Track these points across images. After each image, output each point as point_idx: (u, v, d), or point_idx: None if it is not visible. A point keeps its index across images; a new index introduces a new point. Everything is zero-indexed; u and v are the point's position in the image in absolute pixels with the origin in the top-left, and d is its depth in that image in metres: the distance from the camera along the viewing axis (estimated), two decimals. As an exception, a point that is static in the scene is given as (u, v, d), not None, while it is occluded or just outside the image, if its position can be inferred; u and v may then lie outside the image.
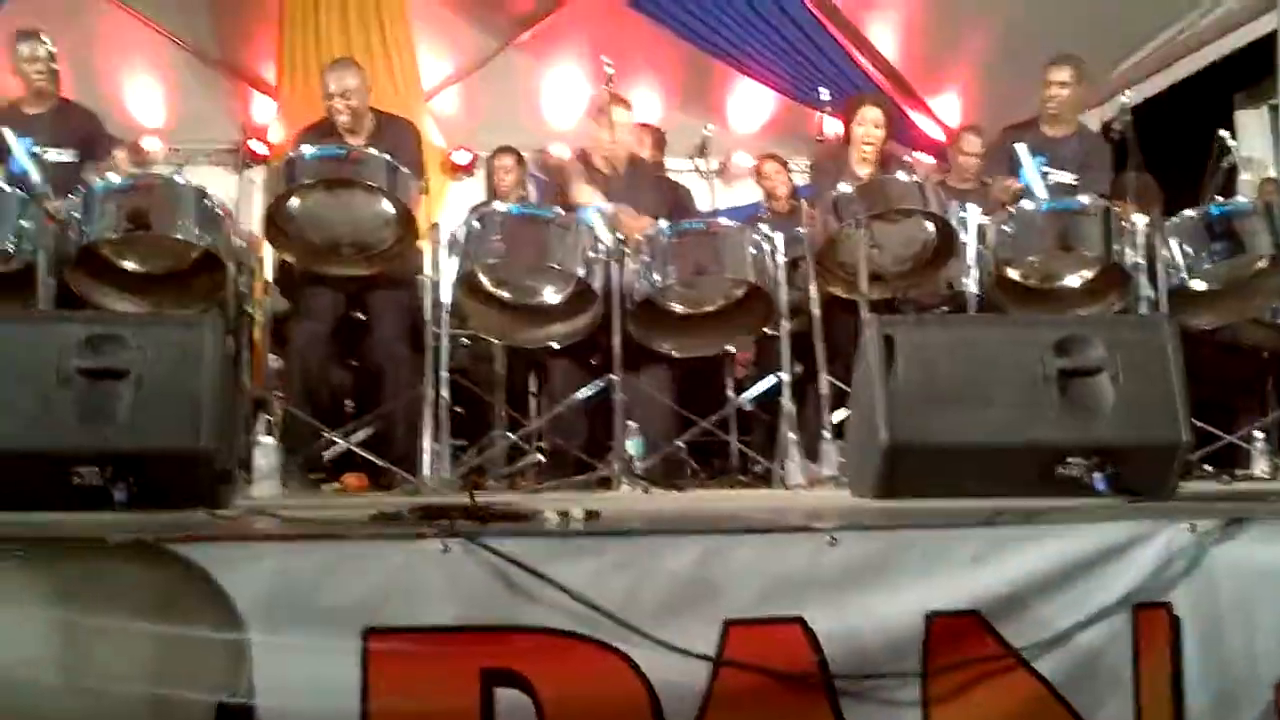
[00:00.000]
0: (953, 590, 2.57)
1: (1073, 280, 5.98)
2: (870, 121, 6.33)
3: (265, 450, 4.97)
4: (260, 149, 9.30)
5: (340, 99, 5.85)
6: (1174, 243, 5.80)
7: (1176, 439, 3.47)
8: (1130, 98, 6.45)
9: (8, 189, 5.34)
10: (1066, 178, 6.34)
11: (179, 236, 5.34)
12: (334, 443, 5.58)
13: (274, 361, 6.32)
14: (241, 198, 5.66)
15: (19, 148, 5.68)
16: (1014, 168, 6.19)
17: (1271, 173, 8.02)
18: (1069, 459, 3.45)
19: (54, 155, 5.93)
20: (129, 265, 5.44)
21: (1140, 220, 5.83)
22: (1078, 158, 6.44)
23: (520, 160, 7.57)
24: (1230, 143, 6.43)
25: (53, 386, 3.17)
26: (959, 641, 2.53)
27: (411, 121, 6.16)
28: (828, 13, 9.45)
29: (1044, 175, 6.07)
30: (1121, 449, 3.44)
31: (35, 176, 5.47)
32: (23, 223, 5.25)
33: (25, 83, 6.05)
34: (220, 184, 7.02)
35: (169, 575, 2.36)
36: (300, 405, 5.62)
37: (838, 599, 2.54)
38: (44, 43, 6.08)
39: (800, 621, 2.51)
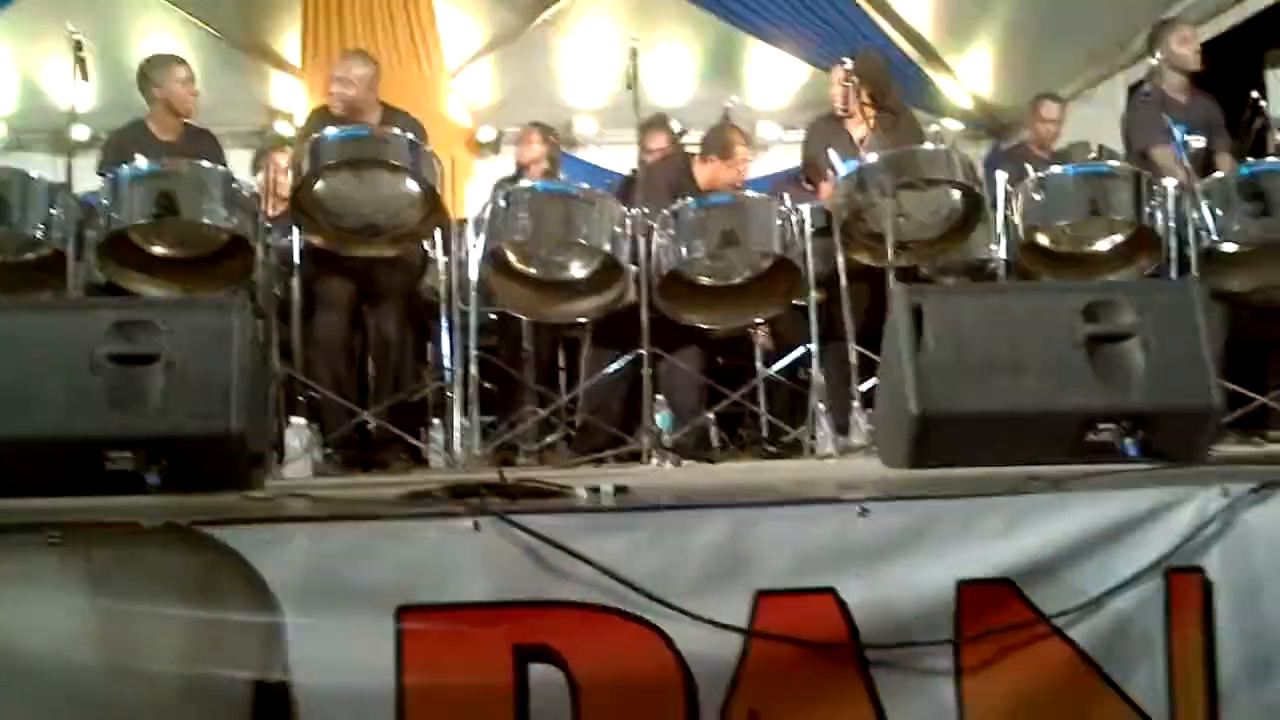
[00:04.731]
0: (983, 559, 2.57)
1: (1103, 245, 5.94)
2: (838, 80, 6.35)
3: (296, 431, 5.01)
4: (285, 130, 9.33)
5: (338, 85, 5.90)
6: (1205, 205, 5.75)
7: (1207, 403, 3.44)
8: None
9: (35, 175, 5.38)
10: (1200, 142, 6.30)
11: (207, 221, 5.36)
12: (365, 422, 5.60)
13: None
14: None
15: None
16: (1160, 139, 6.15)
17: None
18: (1100, 425, 3.43)
19: None
20: (158, 250, 5.46)
21: (1170, 183, 5.79)
22: (1204, 119, 6.41)
23: (548, 137, 7.54)
24: (1261, 103, 6.35)
25: (83, 373, 3.17)
26: (990, 609, 2.53)
27: (416, 119, 6.11)
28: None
29: (1186, 146, 6.03)
30: (1152, 414, 3.41)
31: None
32: (52, 210, 5.28)
33: (169, 101, 5.99)
34: (247, 166, 7.08)
35: (203, 558, 2.38)
36: (328, 388, 5.63)
37: (869, 569, 2.54)
38: (189, 66, 6.10)
39: (832, 591, 2.51)
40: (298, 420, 5.11)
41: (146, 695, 2.31)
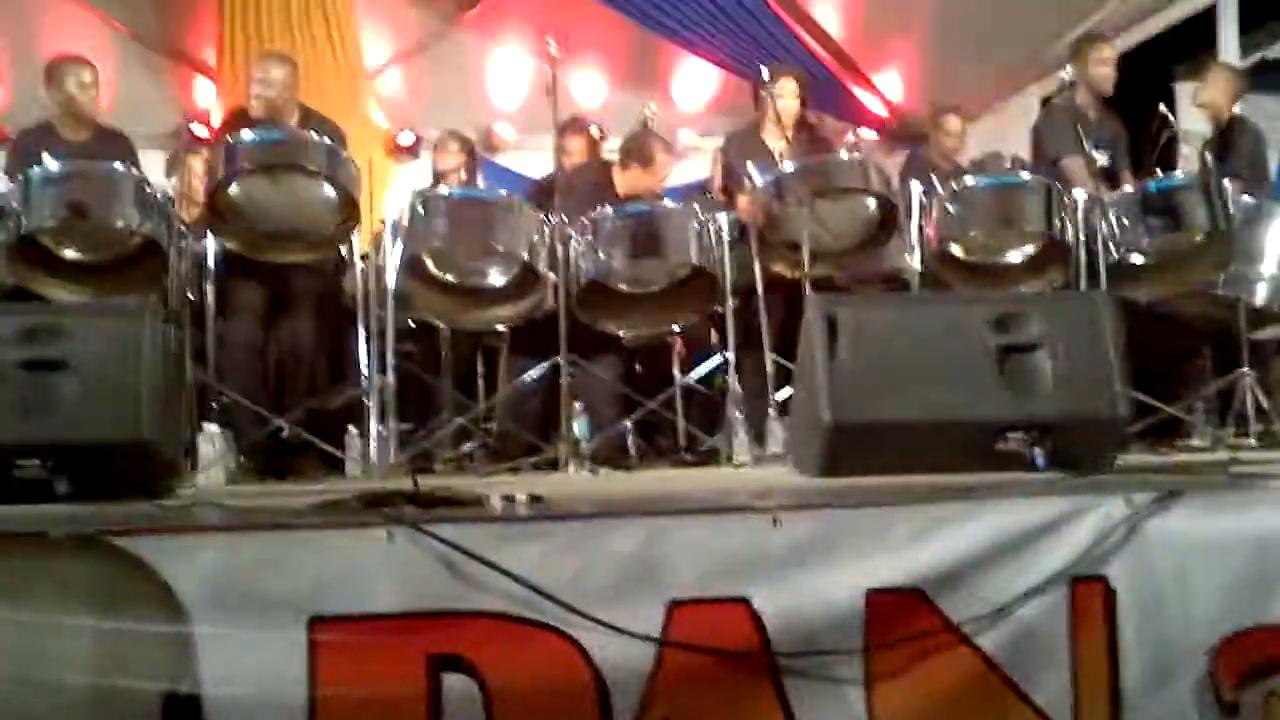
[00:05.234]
0: (893, 567, 2.60)
1: (1015, 256, 6.03)
2: (788, 93, 6.35)
3: (209, 438, 4.96)
4: (202, 133, 9.23)
5: (259, 85, 5.85)
6: (1113, 217, 5.84)
7: (1113, 414, 3.50)
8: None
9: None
10: (1105, 159, 6.37)
11: (119, 224, 5.29)
12: (279, 429, 5.55)
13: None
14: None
15: None
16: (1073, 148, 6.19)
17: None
18: (1008, 434, 3.47)
19: None
20: (70, 254, 5.38)
21: (1080, 195, 5.88)
22: (1111, 138, 6.51)
23: (465, 145, 7.53)
24: (1169, 117, 6.47)
25: (-9, 379, 3.14)
26: (900, 618, 2.56)
27: (335, 122, 6.08)
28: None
29: (1092, 161, 6.07)
30: (1060, 424, 3.46)
31: None
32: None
33: (74, 105, 5.91)
34: (162, 169, 6.99)
35: (112, 568, 2.36)
36: (241, 394, 5.57)
37: (781, 578, 2.57)
38: (94, 69, 6.01)
39: (745, 601, 2.54)
40: (211, 427, 5.06)
41: (53, 706, 2.29)
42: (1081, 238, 5.80)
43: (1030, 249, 5.99)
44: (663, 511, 2.69)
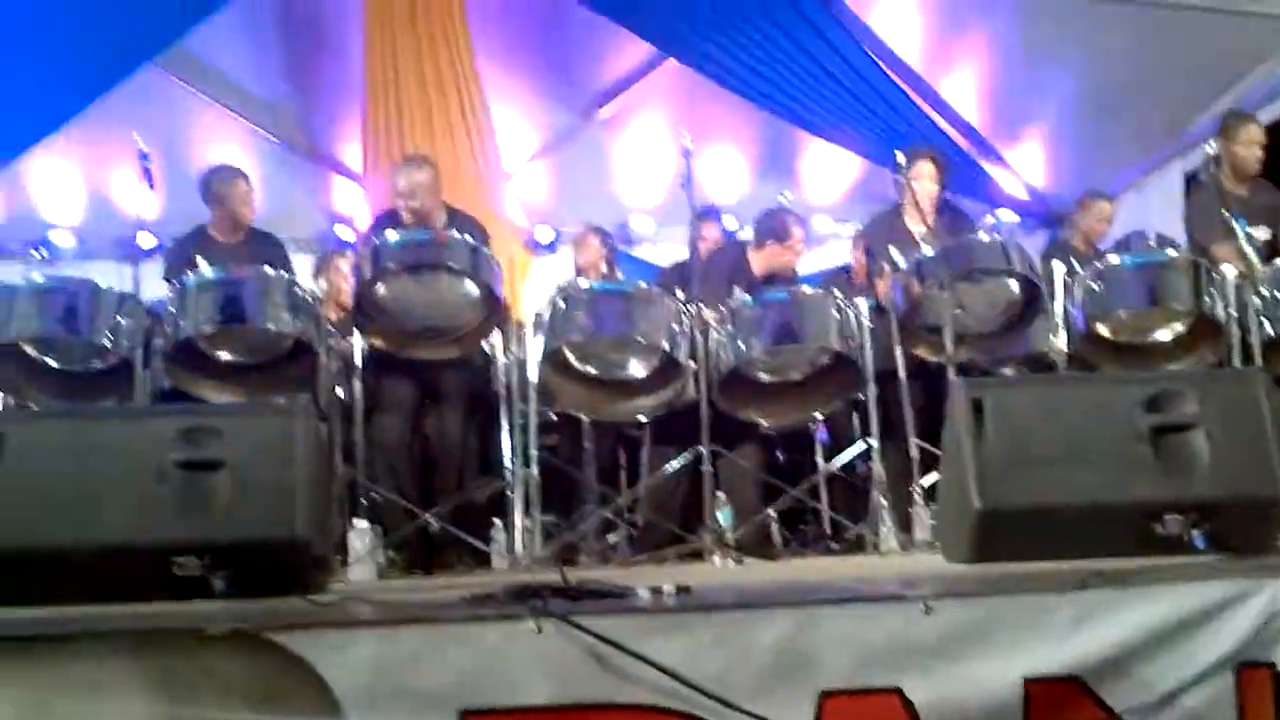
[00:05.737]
0: (1051, 655, 2.55)
1: (1164, 334, 5.91)
2: (926, 176, 6.29)
3: (359, 533, 5.04)
4: (348, 235, 9.47)
5: (403, 198, 5.95)
6: (1265, 292, 5.71)
7: (1275, 493, 3.40)
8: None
9: (103, 285, 5.47)
10: (1266, 233, 6.21)
11: (271, 327, 5.44)
12: (427, 524, 5.62)
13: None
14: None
15: None
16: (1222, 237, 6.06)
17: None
18: (1166, 517, 3.39)
19: None
20: (224, 356, 5.55)
21: (1229, 270, 5.75)
22: (1266, 209, 6.35)
23: (604, 239, 7.62)
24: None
25: (151, 480, 3.21)
26: (1060, 707, 2.50)
27: (478, 220, 6.19)
28: (902, 74, 9.45)
29: (1249, 238, 5.96)
30: (1219, 505, 3.37)
31: None
32: (120, 319, 5.37)
33: (232, 214, 6.12)
34: (309, 271, 7.17)
35: (268, 664, 2.39)
36: (390, 490, 5.67)
37: (934, 667, 2.52)
38: (248, 178, 6.23)
39: (897, 691, 2.49)
40: (361, 523, 5.14)
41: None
42: (1233, 314, 5.67)
43: (1179, 327, 5.86)
44: (811, 601, 2.65)
